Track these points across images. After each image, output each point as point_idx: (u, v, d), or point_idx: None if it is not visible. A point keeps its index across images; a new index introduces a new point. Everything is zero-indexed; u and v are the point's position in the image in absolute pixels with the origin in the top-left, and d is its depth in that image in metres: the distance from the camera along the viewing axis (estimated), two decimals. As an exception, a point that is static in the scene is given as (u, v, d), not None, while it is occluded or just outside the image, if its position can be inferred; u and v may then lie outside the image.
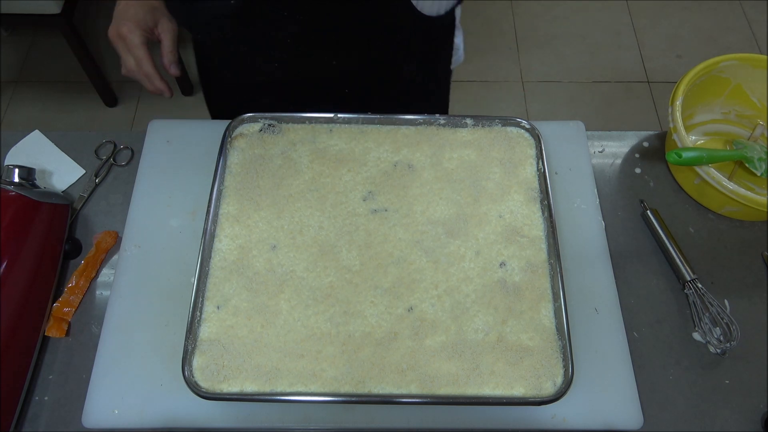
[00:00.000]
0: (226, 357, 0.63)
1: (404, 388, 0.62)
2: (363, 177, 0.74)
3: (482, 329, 0.65)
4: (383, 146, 0.76)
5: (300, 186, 0.73)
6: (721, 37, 2.20)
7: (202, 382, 0.62)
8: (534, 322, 0.65)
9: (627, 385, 0.66)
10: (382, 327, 0.65)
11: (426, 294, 0.67)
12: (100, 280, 0.75)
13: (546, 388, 0.62)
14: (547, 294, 0.67)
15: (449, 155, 0.76)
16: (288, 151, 0.76)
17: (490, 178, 0.74)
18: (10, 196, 0.69)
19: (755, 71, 0.84)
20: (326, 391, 0.62)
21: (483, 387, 0.62)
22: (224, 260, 0.68)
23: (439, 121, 0.78)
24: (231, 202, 0.72)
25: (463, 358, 0.63)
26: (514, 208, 0.72)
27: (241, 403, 0.64)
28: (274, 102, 0.85)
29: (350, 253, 0.69)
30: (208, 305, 0.66)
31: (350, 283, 0.67)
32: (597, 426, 0.64)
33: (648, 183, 0.83)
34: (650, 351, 0.71)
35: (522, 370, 0.63)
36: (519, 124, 0.78)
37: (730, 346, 0.70)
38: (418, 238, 0.70)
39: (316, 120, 0.77)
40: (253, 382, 0.62)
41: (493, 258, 0.69)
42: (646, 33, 2.23)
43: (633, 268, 0.76)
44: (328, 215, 0.71)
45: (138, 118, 2.01)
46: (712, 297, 0.72)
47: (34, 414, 0.67)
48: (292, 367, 0.63)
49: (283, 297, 0.66)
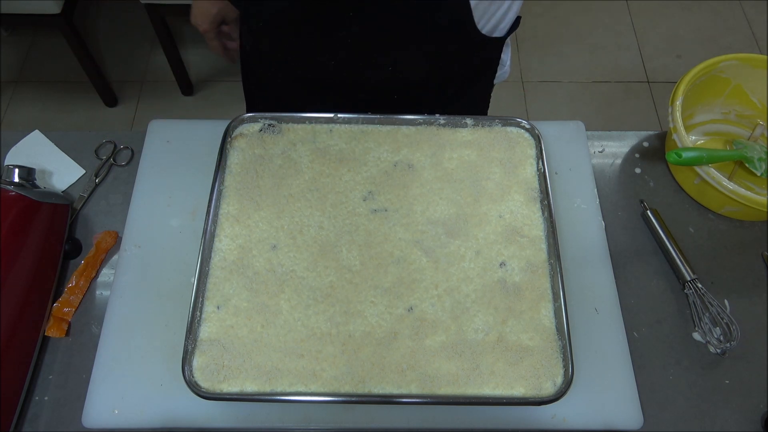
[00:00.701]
0: (226, 357, 0.63)
1: (404, 388, 0.62)
2: (363, 177, 0.74)
3: (482, 329, 0.65)
4: (383, 146, 0.76)
5: (300, 186, 0.73)
6: (721, 37, 2.20)
7: (202, 382, 0.62)
8: (534, 322, 0.65)
9: (627, 385, 0.66)
10: (382, 327, 0.65)
11: (426, 294, 0.67)
12: (100, 280, 0.75)
13: (546, 388, 0.62)
14: (547, 294, 0.67)
15: (449, 155, 0.76)
16: (288, 151, 0.76)
17: (490, 178, 0.74)
18: (10, 196, 0.69)
19: (755, 71, 0.84)
20: (326, 390, 0.62)
21: (483, 387, 0.62)
22: (224, 260, 0.68)
23: (439, 121, 0.78)
24: (231, 202, 0.72)
25: (463, 358, 0.63)
26: (514, 208, 0.72)
27: (241, 403, 0.64)
28: (316, 101, 0.86)
29: (350, 253, 0.69)
30: (208, 305, 0.66)
31: (350, 283, 0.67)
32: (597, 426, 0.64)
33: (648, 183, 0.83)
34: (650, 351, 0.71)
35: (522, 370, 0.63)
36: (519, 124, 0.78)
37: (730, 346, 0.70)
38: (418, 238, 0.70)
39: (316, 120, 0.77)
40: (253, 382, 0.62)
41: (493, 258, 0.69)
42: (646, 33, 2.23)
43: (633, 268, 0.76)
44: (328, 215, 0.71)
45: (138, 118, 2.01)
46: (712, 297, 0.72)
47: (34, 414, 0.67)
48: (292, 366, 0.63)
49: (283, 297, 0.66)
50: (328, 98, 0.86)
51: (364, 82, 0.82)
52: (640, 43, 2.21)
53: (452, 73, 0.84)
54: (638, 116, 2.04)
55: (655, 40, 2.21)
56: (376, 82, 0.82)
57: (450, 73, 0.84)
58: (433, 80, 0.84)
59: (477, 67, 0.86)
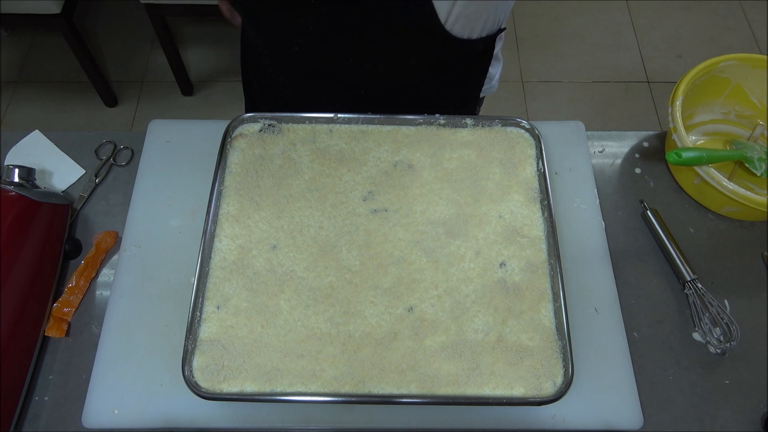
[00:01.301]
0: (226, 357, 0.63)
1: (404, 388, 0.62)
2: (363, 177, 0.74)
3: (482, 329, 0.65)
4: (383, 146, 0.76)
5: (300, 186, 0.73)
6: (721, 37, 2.20)
7: (202, 382, 0.62)
8: (534, 322, 0.65)
9: (627, 385, 0.66)
10: (382, 327, 0.65)
11: (426, 294, 0.67)
12: (100, 280, 0.75)
13: (546, 388, 0.62)
14: (547, 294, 0.67)
15: (449, 155, 0.76)
16: (288, 151, 0.76)
17: (490, 178, 0.74)
18: (10, 196, 0.69)
19: (755, 71, 0.84)
20: (326, 391, 0.62)
21: (483, 387, 0.62)
22: (224, 260, 0.68)
23: (439, 121, 0.78)
24: (231, 202, 0.72)
25: (463, 358, 0.63)
26: (514, 208, 0.72)
27: (241, 403, 0.64)
28: (295, 86, 0.86)
29: (350, 253, 0.69)
30: (208, 305, 0.66)
31: (350, 283, 0.67)
32: (597, 426, 0.64)
33: (648, 183, 0.83)
34: (650, 351, 0.71)
35: (522, 370, 0.63)
36: (519, 124, 0.78)
37: (730, 346, 0.70)
38: (418, 238, 0.70)
39: (316, 120, 0.77)
40: (253, 382, 0.62)
41: (493, 258, 0.69)
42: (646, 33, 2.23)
43: (633, 268, 0.76)
44: (328, 215, 0.71)
45: (138, 118, 2.01)
46: (712, 297, 0.72)
47: (34, 414, 0.67)
48: (292, 367, 0.63)
49: (283, 297, 0.66)
50: (306, 87, 0.85)
51: (332, 74, 0.81)
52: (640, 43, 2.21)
53: (426, 75, 0.82)
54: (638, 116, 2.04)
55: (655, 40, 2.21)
56: (346, 76, 0.81)
57: (422, 74, 0.82)
58: (405, 80, 0.82)
59: (456, 75, 0.84)
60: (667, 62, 2.15)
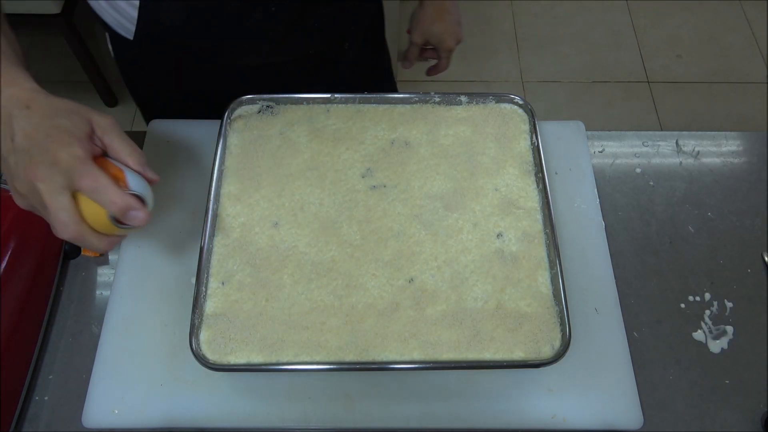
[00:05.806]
0: (232, 330, 0.64)
1: (407, 355, 0.63)
2: (361, 155, 0.75)
3: (481, 297, 0.66)
4: (380, 125, 0.78)
5: (299, 165, 0.74)
6: (721, 37, 2.20)
7: (210, 354, 0.63)
8: (531, 289, 0.67)
9: (627, 385, 0.66)
10: (383, 298, 0.66)
11: (426, 266, 0.68)
12: (100, 280, 0.75)
13: (545, 352, 0.63)
14: (544, 262, 0.68)
15: (445, 132, 0.77)
16: (286, 132, 0.77)
17: (485, 153, 0.76)
18: (11, 196, 0.69)
19: None
20: (331, 359, 0.63)
21: (483, 352, 0.63)
22: (227, 237, 0.69)
23: (434, 99, 0.79)
24: (232, 182, 0.73)
25: (464, 326, 0.65)
26: (510, 181, 0.74)
27: (241, 402, 0.65)
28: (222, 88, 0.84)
29: (351, 228, 0.70)
30: (212, 281, 0.67)
31: (351, 257, 0.69)
32: (597, 426, 0.64)
33: (648, 183, 0.83)
34: (650, 351, 0.71)
35: (521, 335, 0.64)
36: (512, 100, 0.79)
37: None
38: (416, 213, 0.71)
39: (313, 101, 0.79)
40: (259, 354, 0.63)
41: (491, 229, 0.70)
42: (646, 33, 2.24)
43: (633, 268, 0.76)
44: (328, 192, 0.73)
45: (138, 118, 2.01)
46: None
47: (34, 414, 0.67)
48: (297, 338, 0.64)
49: (286, 272, 0.67)
50: None
51: None
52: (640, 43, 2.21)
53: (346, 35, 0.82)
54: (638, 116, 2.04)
55: (655, 40, 2.21)
56: None
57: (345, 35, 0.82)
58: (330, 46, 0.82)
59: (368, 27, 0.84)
60: (667, 62, 2.15)
